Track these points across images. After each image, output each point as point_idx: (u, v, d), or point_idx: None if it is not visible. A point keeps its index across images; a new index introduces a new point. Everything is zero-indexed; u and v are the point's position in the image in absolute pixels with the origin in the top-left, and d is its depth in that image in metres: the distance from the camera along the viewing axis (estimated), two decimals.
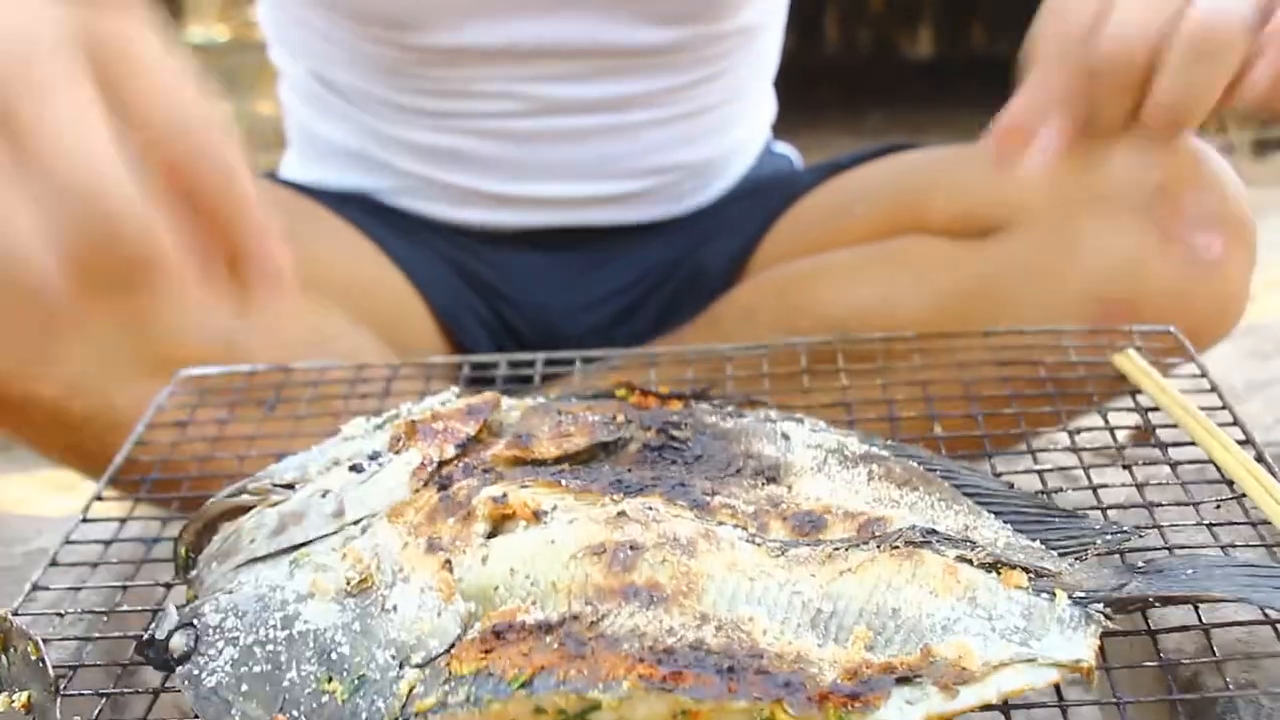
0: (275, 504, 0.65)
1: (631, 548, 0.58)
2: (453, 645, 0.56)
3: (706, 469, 0.67)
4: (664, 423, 0.71)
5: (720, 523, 0.62)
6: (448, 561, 0.59)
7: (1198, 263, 0.97)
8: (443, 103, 1.17)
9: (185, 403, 0.87)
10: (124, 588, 0.69)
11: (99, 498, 0.75)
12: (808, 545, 0.61)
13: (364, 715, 0.54)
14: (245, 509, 0.66)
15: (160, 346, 0.97)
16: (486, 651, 0.54)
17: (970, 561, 0.60)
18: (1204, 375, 0.83)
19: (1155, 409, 0.81)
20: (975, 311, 1.03)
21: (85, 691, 0.61)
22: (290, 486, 0.67)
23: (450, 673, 0.54)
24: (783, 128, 1.39)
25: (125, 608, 0.67)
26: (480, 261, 1.21)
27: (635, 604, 0.56)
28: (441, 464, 0.67)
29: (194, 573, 0.65)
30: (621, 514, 0.60)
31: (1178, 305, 0.97)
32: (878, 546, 0.60)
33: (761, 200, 1.22)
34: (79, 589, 0.68)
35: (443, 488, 0.65)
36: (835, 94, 3.88)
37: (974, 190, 1.07)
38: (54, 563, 0.70)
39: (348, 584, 0.59)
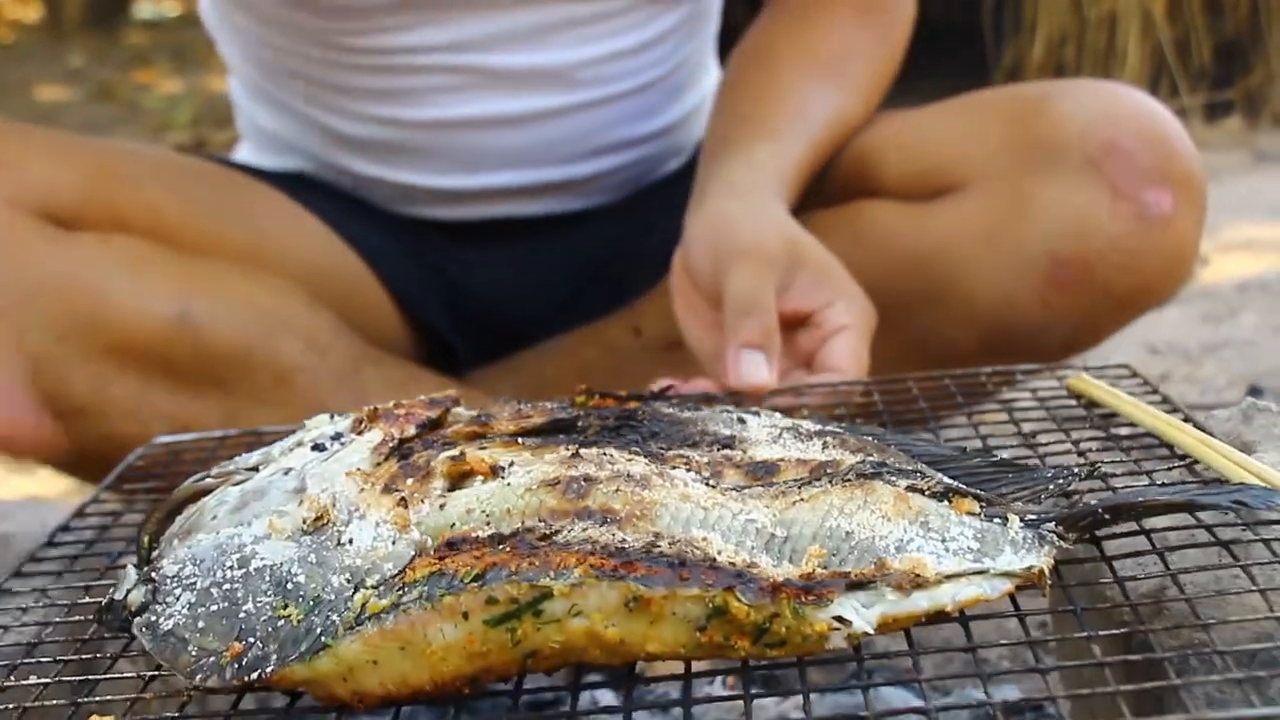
0: (238, 483, 0.66)
1: (586, 479, 0.59)
2: (407, 567, 0.56)
3: (663, 442, 0.68)
4: (621, 412, 0.72)
5: (674, 468, 0.63)
6: (403, 499, 0.60)
7: (1148, 219, 0.97)
8: (384, 80, 1.13)
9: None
10: (87, 588, 0.69)
11: (50, 542, 0.75)
12: (761, 487, 0.62)
13: (319, 630, 0.54)
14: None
15: (114, 328, 0.98)
16: (440, 559, 0.55)
17: (922, 491, 0.61)
18: (1156, 390, 0.85)
19: (1113, 414, 0.82)
20: (929, 275, 1.04)
21: (43, 660, 0.60)
22: (255, 470, 0.68)
23: (404, 583, 0.54)
24: None
25: (87, 600, 0.67)
26: (433, 249, 1.20)
27: (588, 522, 0.56)
28: (403, 441, 0.68)
29: (156, 553, 0.65)
30: (576, 455, 0.61)
31: (1129, 262, 0.98)
32: (829, 481, 0.61)
33: None
34: (45, 590, 0.68)
35: (404, 458, 0.66)
36: None
37: (925, 151, 1.07)
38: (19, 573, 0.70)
39: (304, 523, 0.59)
